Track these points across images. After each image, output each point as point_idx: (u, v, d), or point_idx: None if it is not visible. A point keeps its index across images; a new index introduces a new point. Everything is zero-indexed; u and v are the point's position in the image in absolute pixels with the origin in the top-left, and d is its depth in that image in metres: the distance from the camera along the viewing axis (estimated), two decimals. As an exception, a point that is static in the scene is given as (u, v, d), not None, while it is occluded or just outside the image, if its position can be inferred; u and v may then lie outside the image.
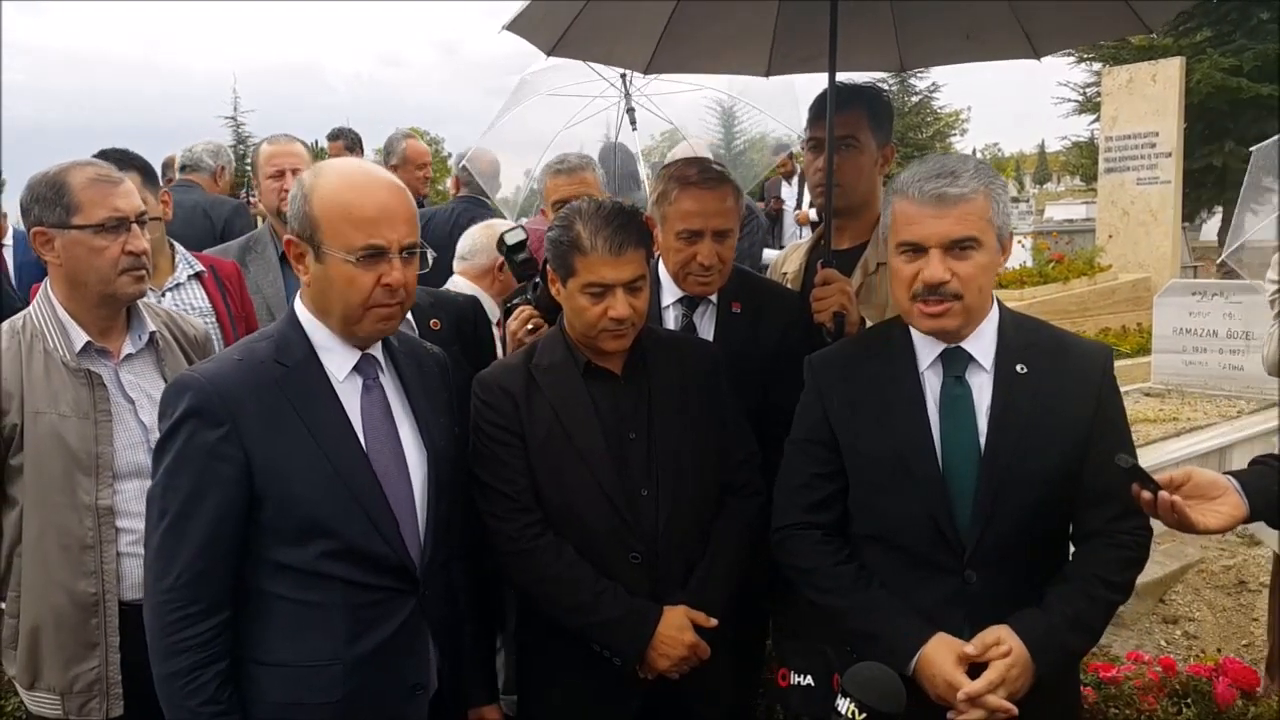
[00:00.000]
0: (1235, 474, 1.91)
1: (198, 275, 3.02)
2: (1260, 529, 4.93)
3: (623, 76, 5.09)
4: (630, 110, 5.22)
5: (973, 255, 1.94)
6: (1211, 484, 1.86)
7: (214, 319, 2.96)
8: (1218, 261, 10.02)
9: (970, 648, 1.92)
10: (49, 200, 2.26)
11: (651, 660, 2.22)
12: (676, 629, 2.22)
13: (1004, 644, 1.91)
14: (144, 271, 2.35)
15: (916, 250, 1.96)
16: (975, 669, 1.92)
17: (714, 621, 2.25)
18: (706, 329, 2.71)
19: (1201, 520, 1.83)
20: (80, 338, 2.30)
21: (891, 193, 2.04)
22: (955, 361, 2.05)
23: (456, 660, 2.10)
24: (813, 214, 9.87)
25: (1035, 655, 1.91)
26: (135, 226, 2.32)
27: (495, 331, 3.15)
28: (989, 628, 1.94)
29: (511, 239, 2.88)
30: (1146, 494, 1.84)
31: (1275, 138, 7.42)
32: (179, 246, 3.06)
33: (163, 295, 2.91)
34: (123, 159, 2.82)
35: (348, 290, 1.85)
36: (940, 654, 1.93)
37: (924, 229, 1.94)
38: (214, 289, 3.03)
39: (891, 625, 2.00)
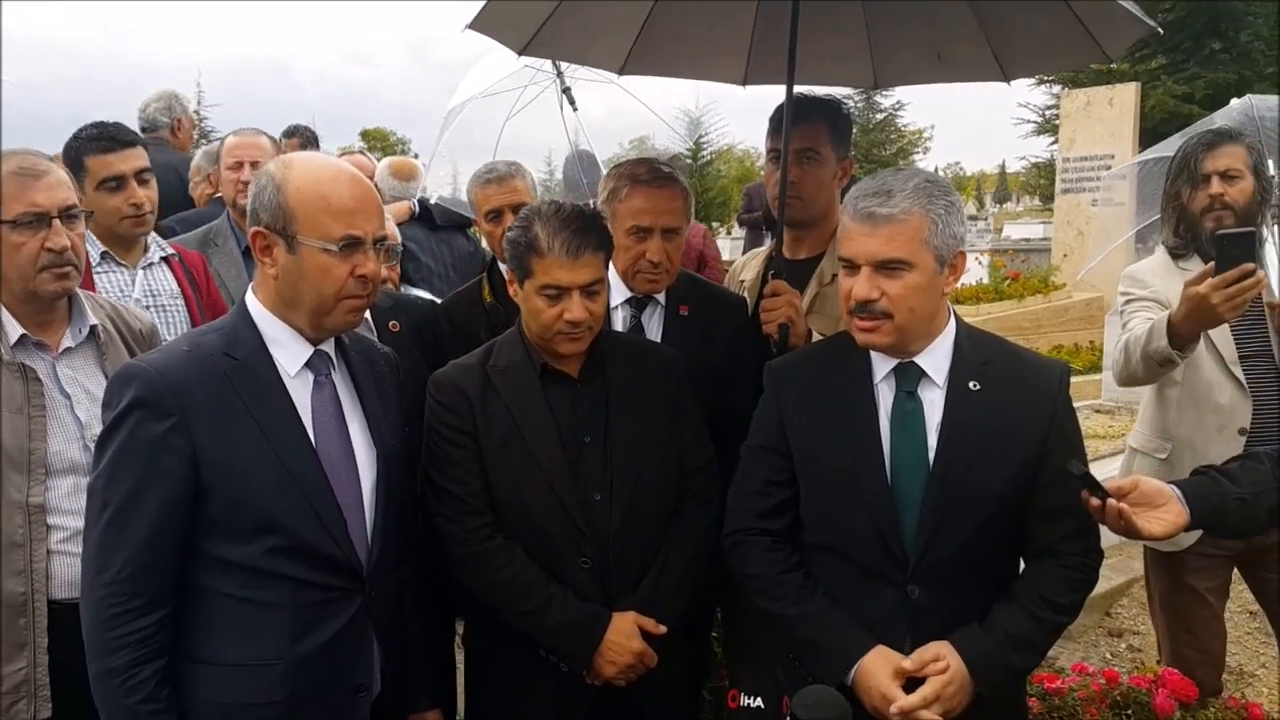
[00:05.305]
0: (1178, 483, 1.97)
1: (166, 259, 3.03)
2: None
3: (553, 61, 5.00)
4: (566, 90, 5.14)
5: (903, 275, 1.94)
6: (1157, 492, 1.92)
7: (181, 303, 2.96)
8: (1077, 277, 10.36)
9: (908, 663, 1.93)
10: None
11: (598, 666, 2.21)
12: (624, 636, 2.21)
13: (942, 660, 1.92)
14: (69, 268, 2.25)
15: (851, 266, 1.99)
16: (913, 684, 1.92)
17: (663, 629, 2.24)
18: (654, 330, 2.71)
19: (1146, 527, 1.89)
20: (15, 330, 2.22)
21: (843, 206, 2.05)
22: (907, 376, 2.05)
23: (401, 663, 2.08)
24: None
25: (975, 673, 1.92)
26: (57, 222, 2.22)
27: None
28: (929, 644, 1.95)
29: None
30: (1095, 500, 1.90)
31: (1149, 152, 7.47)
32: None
33: (136, 274, 2.91)
34: (120, 134, 2.82)
35: (322, 281, 1.84)
36: (878, 666, 1.94)
37: (855, 246, 1.97)
38: (181, 274, 3.03)
39: (833, 635, 2.01)
